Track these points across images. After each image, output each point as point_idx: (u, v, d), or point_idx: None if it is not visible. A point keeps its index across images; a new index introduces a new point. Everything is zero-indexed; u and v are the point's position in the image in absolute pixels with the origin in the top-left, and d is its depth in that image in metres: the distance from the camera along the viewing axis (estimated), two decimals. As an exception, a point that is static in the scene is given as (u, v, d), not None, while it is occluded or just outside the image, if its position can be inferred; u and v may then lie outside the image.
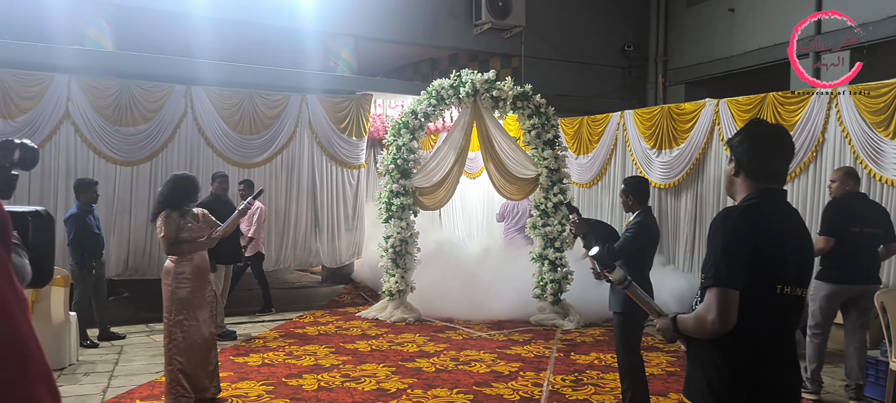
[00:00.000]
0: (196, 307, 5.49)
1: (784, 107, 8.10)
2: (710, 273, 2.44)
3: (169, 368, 5.50)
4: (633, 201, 5.29)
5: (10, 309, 0.71)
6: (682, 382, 6.52)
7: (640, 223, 5.27)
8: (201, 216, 5.62)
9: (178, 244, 5.39)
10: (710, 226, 2.53)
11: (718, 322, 2.40)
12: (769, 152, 2.58)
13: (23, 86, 8.76)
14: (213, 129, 9.91)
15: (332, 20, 11.07)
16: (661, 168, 9.67)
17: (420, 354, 7.53)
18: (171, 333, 5.46)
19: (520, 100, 9.51)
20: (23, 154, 1.12)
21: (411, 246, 9.39)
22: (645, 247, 5.28)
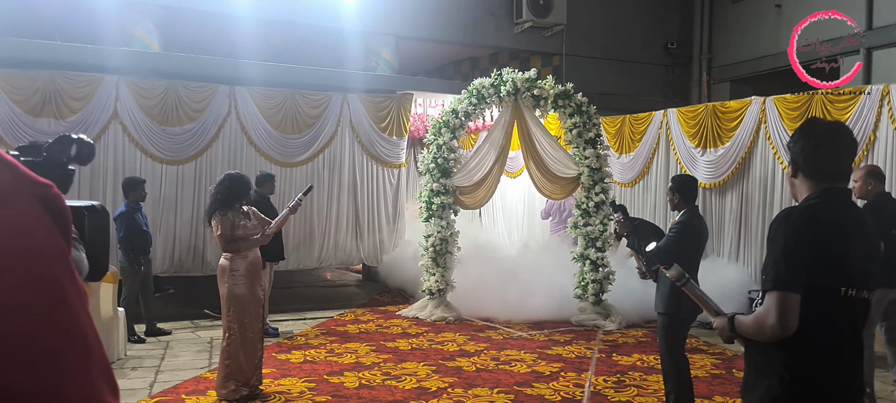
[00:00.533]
0: (250, 303, 5.63)
1: (833, 105, 7.89)
2: (769, 275, 2.36)
3: (225, 363, 5.62)
4: (679, 199, 5.20)
5: (71, 302, 0.72)
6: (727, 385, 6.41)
7: (685, 222, 5.18)
8: (252, 213, 5.74)
9: (233, 242, 5.53)
10: (770, 227, 2.45)
11: (778, 326, 2.32)
12: (826, 151, 2.49)
13: (73, 86, 8.99)
14: (256, 129, 10.04)
15: (373, 20, 11.14)
16: (706, 167, 9.51)
17: (460, 353, 7.53)
18: (229, 329, 5.59)
19: (561, 99, 9.44)
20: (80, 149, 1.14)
21: (451, 245, 9.39)
22: (690, 247, 5.19)
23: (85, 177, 9.01)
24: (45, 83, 8.81)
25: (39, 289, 0.69)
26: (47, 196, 0.72)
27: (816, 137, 2.51)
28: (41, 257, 0.70)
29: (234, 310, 5.59)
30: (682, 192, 5.21)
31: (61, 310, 0.71)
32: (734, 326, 2.52)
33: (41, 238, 0.71)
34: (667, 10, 13.38)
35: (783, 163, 8.51)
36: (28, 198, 0.70)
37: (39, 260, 0.70)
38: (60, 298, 0.71)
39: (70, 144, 1.14)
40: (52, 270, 0.71)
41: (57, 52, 9.02)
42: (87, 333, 0.73)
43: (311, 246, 10.51)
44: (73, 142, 1.14)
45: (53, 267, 0.71)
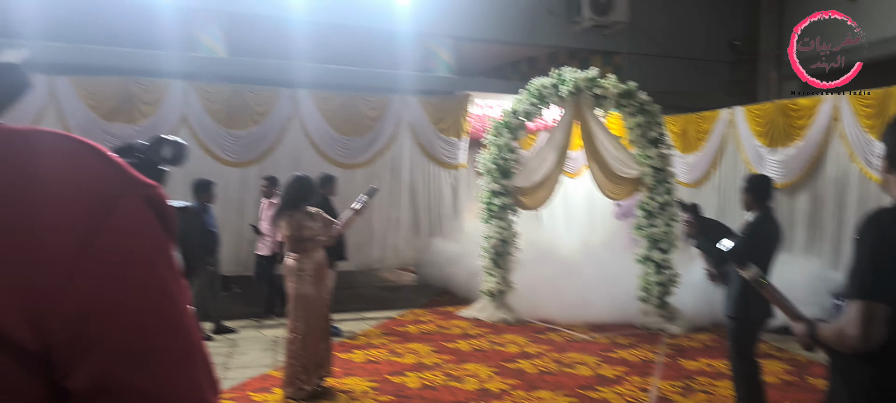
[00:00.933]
0: (316, 302, 5.71)
1: (912, 101, 7.56)
2: (854, 282, 2.15)
3: (291, 361, 5.71)
4: (751, 199, 5.04)
5: (176, 301, 0.73)
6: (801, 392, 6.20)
7: (756, 224, 5.03)
8: (318, 215, 5.83)
9: (301, 242, 5.63)
10: (857, 228, 2.24)
11: (860, 338, 2.11)
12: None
13: (145, 92, 9.29)
14: (317, 131, 10.19)
15: (430, 21, 11.17)
16: (775, 167, 9.21)
17: (522, 355, 7.48)
18: (295, 328, 5.69)
19: (624, 98, 9.28)
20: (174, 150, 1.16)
21: (511, 246, 9.34)
22: (761, 250, 5.03)
23: (155, 180, 9.27)
24: (118, 89, 9.13)
25: (148, 289, 0.71)
26: (154, 196, 0.74)
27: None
28: (149, 257, 0.72)
29: (300, 310, 5.68)
30: (755, 192, 5.05)
31: (168, 310, 0.72)
32: (816, 333, 2.34)
33: (149, 238, 0.72)
34: (731, 7, 13.05)
35: (858, 164, 8.19)
36: (136, 198, 0.71)
37: (148, 261, 0.71)
38: (167, 297, 0.72)
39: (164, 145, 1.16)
40: (159, 270, 0.72)
41: (129, 58, 9.34)
42: (191, 331, 0.75)
43: (371, 247, 10.61)
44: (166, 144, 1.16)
45: (160, 267, 0.72)
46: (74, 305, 0.66)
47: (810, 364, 7.07)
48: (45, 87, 8.88)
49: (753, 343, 5.12)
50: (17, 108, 2.98)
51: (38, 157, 0.69)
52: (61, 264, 0.66)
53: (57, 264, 0.65)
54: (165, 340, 0.71)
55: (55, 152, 0.70)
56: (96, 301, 0.67)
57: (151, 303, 0.70)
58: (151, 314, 0.70)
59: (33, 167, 0.68)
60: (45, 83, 8.88)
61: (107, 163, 0.71)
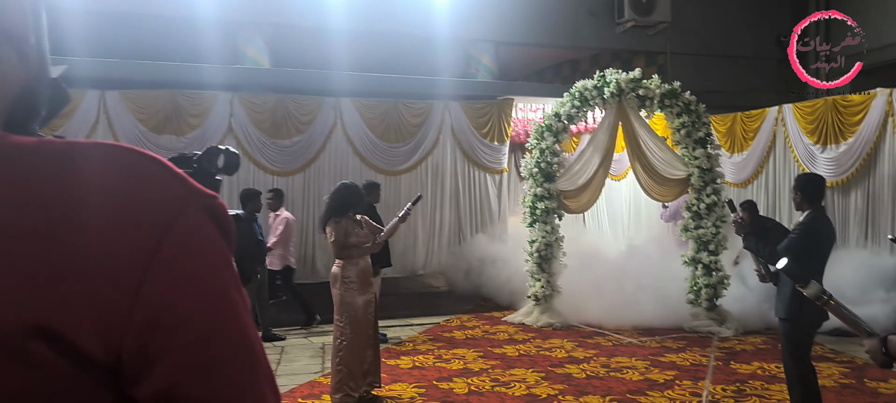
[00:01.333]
0: (361, 309, 5.73)
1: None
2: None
3: (338, 368, 5.75)
4: (801, 199, 4.92)
5: (239, 311, 0.74)
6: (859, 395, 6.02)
7: (807, 224, 4.91)
8: (364, 222, 5.86)
9: (346, 248, 5.67)
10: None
11: None
12: None
13: (192, 104, 9.50)
14: (360, 139, 10.28)
15: (471, 27, 11.18)
16: (827, 164, 8.99)
17: (569, 360, 7.41)
18: (342, 335, 5.73)
19: (668, 99, 9.15)
20: (227, 159, 1.18)
21: (556, 249, 9.27)
22: (813, 251, 4.90)
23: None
24: (166, 102, 9.35)
25: (213, 300, 0.72)
26: (214, 207, 0.74)
27: None
28: (213, 268, 0.72)
29: (346, 316, 5.72)
30: (804, 191, 4.93)
31: (231, 320, 0.73)
32: (888, 347, 2.24)
33: (213, 249, 0.73)
34: (777, 2, 12.76)
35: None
36: (199, 209, 0.72)
37: (212, 271, 0.72)
38: (230, 308, 0.73)
39: (218, 155, 1.18)
40: (223, 280, 0.73)
41: (176, 72, 9.56)
42: (254, 342, 0.75)
43: (415, 253, 10.65)
44: (220, 153, 1.18)
45: (224, 277, 0.73)
46: (143, 316, 0.67)
47: (868, 367, 6.85)
48: (95, 102, 9.15)
49: (808, 346, 4.99)
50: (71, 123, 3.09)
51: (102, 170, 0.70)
52: (129, 276, 0.67)
53: (125, 276, 0.66)
54: (230, 351, 0.72)
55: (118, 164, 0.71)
56: (164, 311, 0.68)
57: (217, 314, 0.71)
58: (217, 324, 0.71)
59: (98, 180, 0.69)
60: (96, 98, 9.15)
61: (169, 174, 0.72)
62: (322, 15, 10.27)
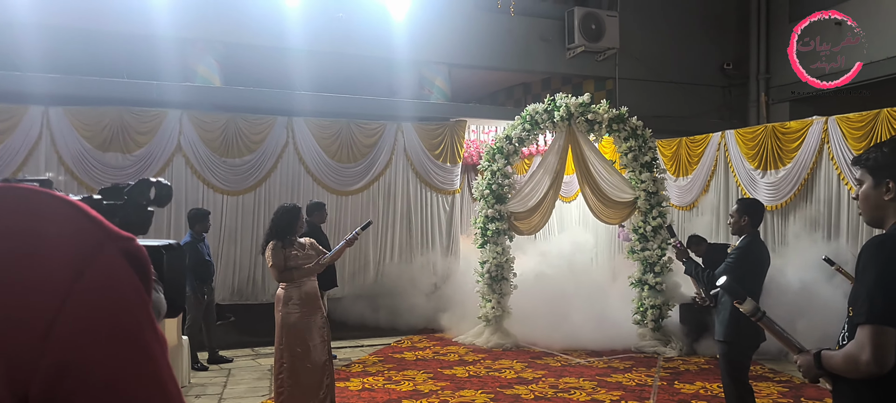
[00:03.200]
0: (306, 332, 5.59)
1: (901, 123, 7.64)
2: (861, 309, 2.15)
3: (277, 391, 5.64)
4: (746, 222, 5.06)
5: (153, 352, 0.74)
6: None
7: (745, 248, 5.06)
8: (308, 244, 5.76)
9: (287, 271, 5.55)
10: (860, 257, 2.25)
11: (873, 363, 2.10)
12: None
13: (139, 122, 9.34)
14: (312, 159, 10.24)
15: (425, 49, 11.27)
16: (767, 189, 9.28)
17: (518, 380, 7.47)
18: (281, 357, 5.59)
19: (616, 123, 9.37)
20: (158, 191, 1.19)
21: (507, 271, 9.36)
22: (751, 274, 5.07)
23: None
24: (112, 119, 9.17)
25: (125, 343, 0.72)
26: (131, 249, 0.75)
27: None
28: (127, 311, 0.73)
29: (286, 339, 5.58)
30: (750, 214, 5.07)
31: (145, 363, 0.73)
32: (820, 363, 2.32)
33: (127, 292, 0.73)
34: (722, 31, 13.18)
35: (848, 185, 8.25)
36: (115, 252, 0.73)
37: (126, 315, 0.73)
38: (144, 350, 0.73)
39: (149, 187, 1.19)
40: (137, 323, 0.73)
41: (124, 89, 9.39)
42: (166, 381, 0.76)
43: (365, 274, 10.62)
44: (151, 185, 1.20)
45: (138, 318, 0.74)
46: (52, 360, 0.67)
47: (805, 387, 7.07)
48: (38, 118, 8.93)
49: (745, 367, 5.12)
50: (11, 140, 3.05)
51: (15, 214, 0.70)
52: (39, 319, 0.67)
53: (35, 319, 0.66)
54: (142, 395, 0.72)
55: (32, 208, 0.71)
56: (73, 355, 0.68)
57: (129, 358, 0.71)
58: (129, 369, 0.71)
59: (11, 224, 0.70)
60: (39, 114, 8.93)
61: (82, 216, 0.73)
62: (275, 34, 10.24)
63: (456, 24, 11.40)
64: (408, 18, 10.81)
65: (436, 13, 11.13)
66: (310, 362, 5.59)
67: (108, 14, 9.36)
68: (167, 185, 1.22)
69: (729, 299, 5.04)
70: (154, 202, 1.19)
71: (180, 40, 10.01)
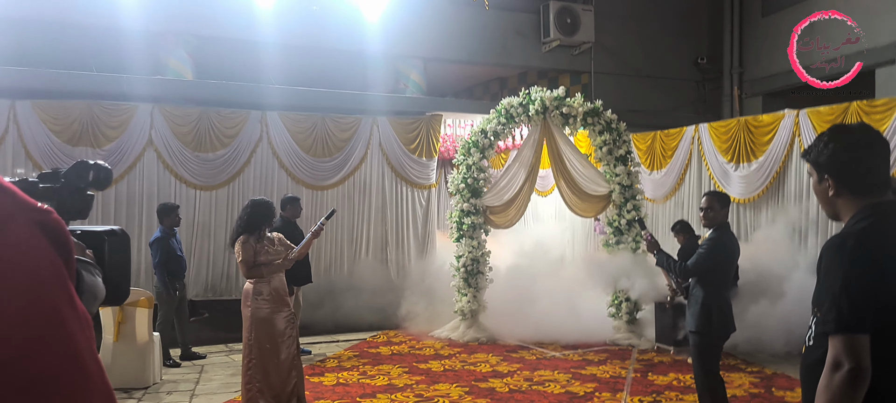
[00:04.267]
0: (275, 327, 5.55)
1: (869, 117, 7.74)
2: (830, 316, 2.04)
3: (246, 387, 5.59)
4: (715, 214, 5.11)
5: (69, 326, 0.72)
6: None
7: (714, 240, 5.12)
8: (277, 239, 5.71)
9: (256, 267, 5.50)
10: (821, 258, 2.14)
11: (852, 373, 1.98)
12: (866, 157, 2.17)
13: (109, 116, 9.21)
14: (287, 153, 10.16)
15: (401, 43, 11.22)
16: (739, 182, 9.37)
17: (493, 374, 7.47)
18: (250, 353, 5.54)
19: (590, 117, 9.40)
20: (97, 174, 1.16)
21: (483, 265, 9.36)
22: (721, 265, 5.12)
23: (121, 204, 9.19)
24: (82, 113, 9.03)
25: (35, 314, 0.69)
26: (46, 221, 0.73)
27: (857, 145, 2.18)
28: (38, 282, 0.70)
29: (255, 334, 5.54)
30: (723, 208, 5.14)
31: (57, 335, 0.71)
32: None
33: (38, 262, 0.71)
34: (696, 25, 13.28)
35: (816, 178, 8.34)
36: (26, 223, 0.71)
37: (36, 285, 0.70)
38: (57, 323, 0.71)
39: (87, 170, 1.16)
40: (50, 295, 0.71)
41: (93, 82, 9.25)
42: (85, 358, 0.73)
43: (341, 268, 10.56)
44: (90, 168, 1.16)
45: (51, 291, 0.71)
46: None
47: (776, 377, 7.15)
48: (5, 112, 8.77)
49: (717, 358, 5.17)
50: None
51: None
52: None
53: None
54: (54, 367, 0.70)
55: None
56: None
57: (38, 329, 0.69)
58: (38, 340, 0.69)
59: None
60: (6, 107, 8.77)
61: None
62: (248, 27, 10.14)
63: (431, 18, 11.36)
64: (383, 12, 10.76)
65: (411, 7, 11.09)
66: (278, 356, 5.55)
67: (78, 6, 9.23)
68: (107, 168, 1.19)
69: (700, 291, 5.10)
70: (93, 185, 1.15)
71: (151, 33, 9.89)
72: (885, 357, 2.01)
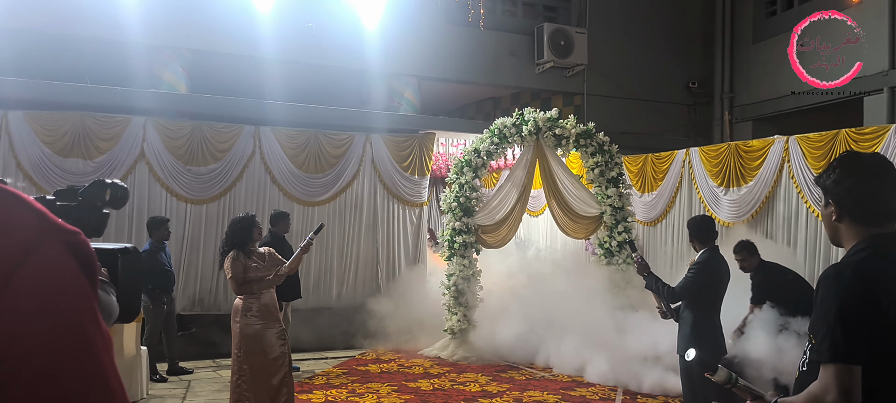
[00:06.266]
0: (266, 343, 5.52)
1: (858, 144, 7.82)
2: (823, 345, 2.04)
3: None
4: (695, 242, 5.21)
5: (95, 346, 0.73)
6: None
7: (702, 263, 5.17)
8: (267, 255, 5.69)
9: (246, 283, 5.47)
10: (818, 287, 2.14)
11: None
12: (872, 185, 2.16)
13: (102, 128, 9.18)
14: (279, 168, 10.15)
15: (396, 61, 11.27)
16: (729, 206, 9.43)
17: (482, 394, 7.46)
18: (239, 369, 5.51)
19: (583, 138, 9.46)
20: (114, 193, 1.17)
21: (473, 284, 9.36)
22: (709, 288, 5.16)
23: (111, 216, 9.11)
24: (74, 124, 9.00)
25: (64, 334, 0.71)
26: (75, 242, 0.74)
27: (865, 174, 2.18)
28: (67, 302, 0.72)
29: (244, 350, 5.50)
30: (696, 235, 5.21)
31: (85, 355, 0.72)
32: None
33: (68, 283, 0.72)
34: (688, 50, 13.41)
35: (807, 203, 8.42)
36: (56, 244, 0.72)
37: (66, 305, 0.72)
38: (85, 343, 0.72)
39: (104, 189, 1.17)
40: (78, 315, 0.72)
41: (87, 94, 9.24)
42: (109, 377, 0.74)
43: (330, 285, 10.53)
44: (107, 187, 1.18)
45: (79, 312, 0.72)
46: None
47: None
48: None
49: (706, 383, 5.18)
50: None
51: None
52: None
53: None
54: (81, 386, 0.71)
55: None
56: (10, 344, 0.67)
57: (68, 349, 0.70)
58: (68, 359, 0.70)
59: None
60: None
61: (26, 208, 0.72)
62: (244, 42, 10.16)
63: (426, 37, 11.43)
64: (379, 30, 10.81)
65: (406, 25, 11.15)
66: (269, 373, 5.52)
67: (73, 18, 9.22)
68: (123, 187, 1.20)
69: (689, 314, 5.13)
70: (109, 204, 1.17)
71: (147, 46, 9.89)
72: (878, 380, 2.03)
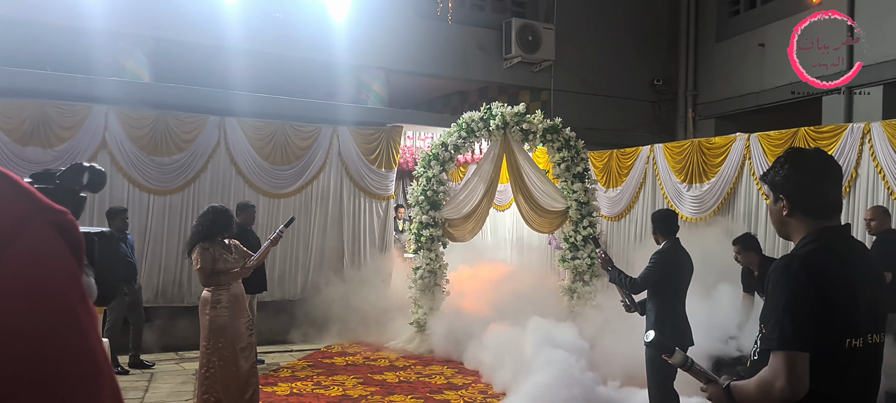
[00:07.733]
0: (233, 335, 5.49)
1: (816, 142, 8.02)
2: (773, 333, 2.15)
3: (203, 397, 5.51)
4: (658, 235, 5.34)
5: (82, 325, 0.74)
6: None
7: (662, 253, 5.28)
8: (234, 247, 5.65)
9: (214, 275, 5.43)
10: (769, 278, 2.24)
11: (788, 389, 2.10)
12: (819, 180, 2.28)
13: (62, 116, 8.99)
14: (245, 160, 10.05)
15: (364, 53, 11.23)
16: (692, 202, 9.61)
17: (448, 386, 7.50)
18: (209, 361, 5.46)
19: (550, 134, 9.54)
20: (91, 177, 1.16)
21: (440, 277, 9.39)
22: (672, 278, 5.26)
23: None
24: (34, 112, 8.80)
25: (52, 313, 0.71)
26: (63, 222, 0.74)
27: (812, 169, 2.29)
28: (55, 281, 0.72)
29: (213, 342, 5.47)
30: (660, 227, 5.33)
31: (73, 334, 0.72)
32: (731, 394, 2.27)
33: (56, 263, 0.72)
34: (653, 48, 13.59)
35: (767, 200, 8.60)
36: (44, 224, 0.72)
37: (53, 285, 0.72)
38: (72, 322, 0.72)
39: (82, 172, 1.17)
40: (66, 294, 0.73)
41: (47, 81, 9.03)
42: (97, 355, 0.75)
43: (295, 278, 10.47)
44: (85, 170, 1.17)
45: (67, 291, 0.73)
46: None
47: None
48: (-46, 109, 8.51)
49: (671, 372, 5.27)
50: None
51: None
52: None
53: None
54: (70, 363, 0.71)
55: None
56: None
57: (55, 328, 0.70)
58: (55, 339, 0.70)
59: None
60: (-45, 105, 8.51)
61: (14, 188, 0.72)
62: (210, 31, 10.03)
63: (395, 30, 11.41)
64: (347, 22, 10.76)
65: (375, 18, 11.12)
66: (237, 365, 5.50)
67: (33, 4, 9.01)
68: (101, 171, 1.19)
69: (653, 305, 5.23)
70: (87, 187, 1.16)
71: (109, 34, 9.69)
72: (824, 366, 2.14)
